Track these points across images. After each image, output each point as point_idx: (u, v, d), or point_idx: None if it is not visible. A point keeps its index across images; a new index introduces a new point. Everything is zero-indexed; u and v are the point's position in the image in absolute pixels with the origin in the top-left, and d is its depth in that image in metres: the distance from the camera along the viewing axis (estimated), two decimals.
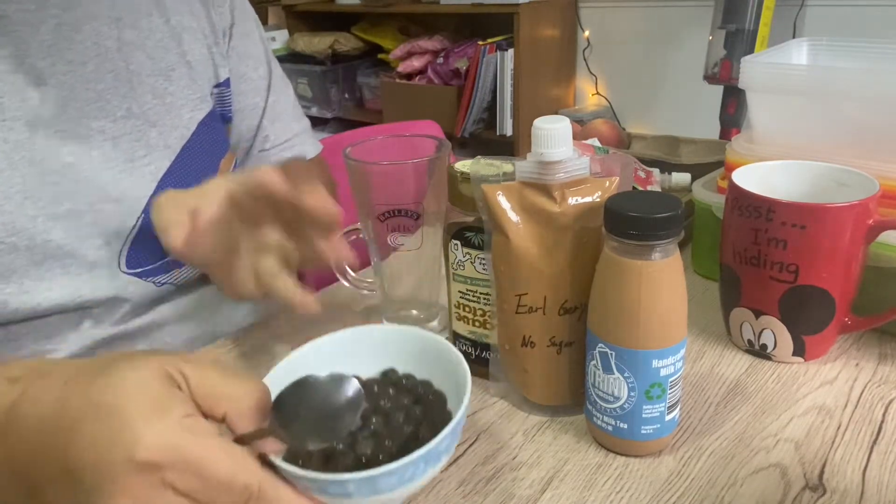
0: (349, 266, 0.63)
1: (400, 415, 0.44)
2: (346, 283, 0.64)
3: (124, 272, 0.63)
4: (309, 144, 0.82)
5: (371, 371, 0.48)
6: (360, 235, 0.61)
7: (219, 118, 0.71)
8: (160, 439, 0.33)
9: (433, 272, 0.61)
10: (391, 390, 0.45)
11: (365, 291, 0.65)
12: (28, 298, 0.58)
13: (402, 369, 0.47)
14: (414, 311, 0.63)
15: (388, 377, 0.47)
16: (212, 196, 0.50)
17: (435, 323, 0.63)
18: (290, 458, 0.41)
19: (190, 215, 0.50)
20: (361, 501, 0.37)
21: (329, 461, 0.41)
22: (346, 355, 0.47)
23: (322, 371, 0.46)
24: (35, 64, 0.57)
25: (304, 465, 0.40)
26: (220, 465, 0.34)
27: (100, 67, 0.61)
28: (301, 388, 0.39)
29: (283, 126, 0.79)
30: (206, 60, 0.69)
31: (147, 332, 0.66)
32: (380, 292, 0.63)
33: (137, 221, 0.63)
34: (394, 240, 0.58)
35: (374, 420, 0.43)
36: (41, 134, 0.57)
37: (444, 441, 0.38)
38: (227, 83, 0.72)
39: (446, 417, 0.42)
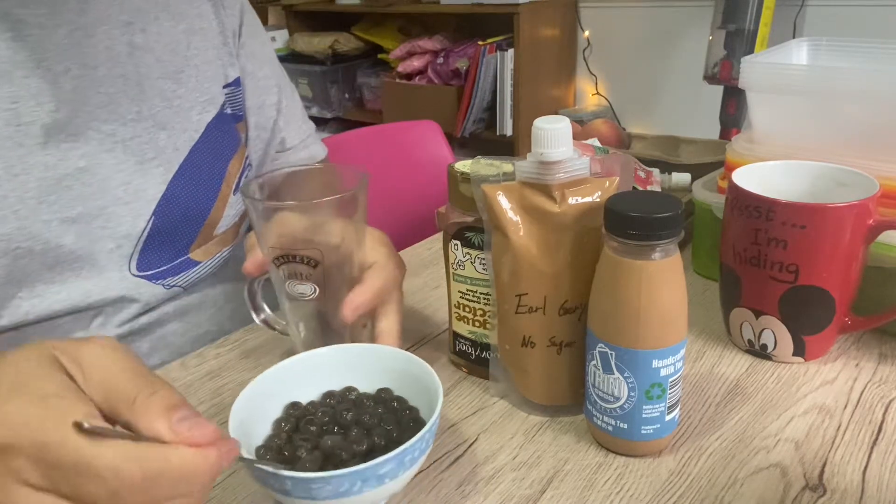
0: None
1: (379, 430, 0.44)
2: (257, 321, 0.57)
3: (134, 275, 0.64)
4: (318, 146, 0.84)
5: (365, 388, 0.49)
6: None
7: (228, 119, 0.71)
8: (7, 418, 0.30)
9: (344, 325, 0.52)
10: (380, 409, 0.46)
11: (279, 333, 0.57)
12: (39, 302, 0.58)
13: (396, 391, 0.48)
14: None
15: (382, 395, 0.48)
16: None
17: None
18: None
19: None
20: None
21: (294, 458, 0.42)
22: (346, 369, 0.49)
23: (319, 379, 0.48)
24: (51, 68, 0.57)
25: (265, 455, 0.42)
26: (80, 448, 0.29)
27: (111, 71, 0.61)
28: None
29: (296, 128, 0.81)
30: (214, 62, 0.69)
31: (151, 329, 0.66)
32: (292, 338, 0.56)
33: (148, 224, 0.63)
34: (291, 287, 0.51)
35: (354, 432, 0.44)
36: (55, 139, 0.58)
37: (384, 465, 0.38)
38: (237, 82, 0.72)
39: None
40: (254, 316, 0.56)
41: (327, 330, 0.53)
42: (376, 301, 0.52)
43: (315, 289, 0.50)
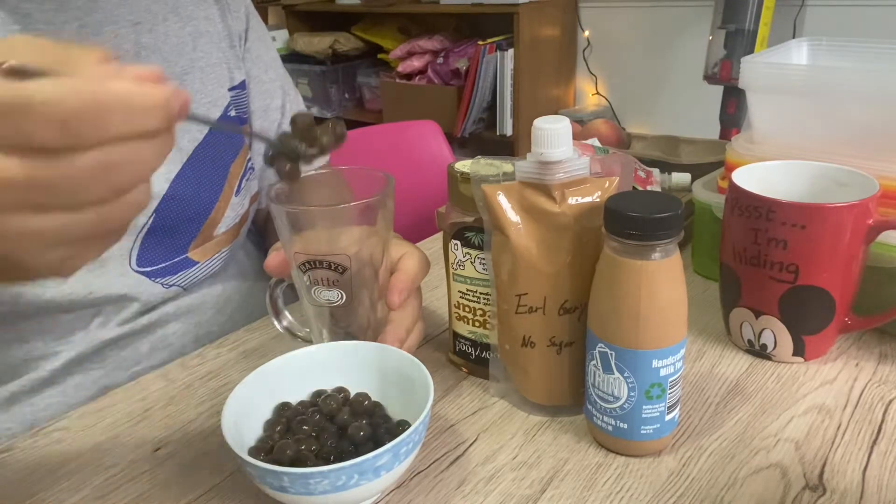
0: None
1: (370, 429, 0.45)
2: (279, 328, 0.55)
3: (134, 270, 0.64)
4: None
5: (353, 385, 0.49)
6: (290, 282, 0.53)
7: (232, 121, 0.71)
8: None
9: (373, 331, 0.52)
10: (367, 403, 0.47)
11: (300, 340, 0.56)
12: (41, 291, 0.58)
13: (384, 387, 0.49)
14: None
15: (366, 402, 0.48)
16: None
17: None
18: (254, 452, 0.43)
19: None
20: (302, 501, 0.39)
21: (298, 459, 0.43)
22: (334, 367, 0.49)
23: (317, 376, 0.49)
24: None
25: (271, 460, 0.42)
26: (14, 87, 0.28)
27: None
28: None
29: None
30: (219, 64, 0.70)
31: (151, 329, 0.66)
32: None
33: (148, 220, 0.63)
34: (318, 294, 0.50)
35: (346, 428, 0.44)
36: None
37: (380, 457, 0.39)
38: (242, 85, 0.73)
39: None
40: (275, 323, 0.55)
41: (352, 338, 0.52)
42: (417, 282, 0.53)
43: (342, 295, 0.49)
